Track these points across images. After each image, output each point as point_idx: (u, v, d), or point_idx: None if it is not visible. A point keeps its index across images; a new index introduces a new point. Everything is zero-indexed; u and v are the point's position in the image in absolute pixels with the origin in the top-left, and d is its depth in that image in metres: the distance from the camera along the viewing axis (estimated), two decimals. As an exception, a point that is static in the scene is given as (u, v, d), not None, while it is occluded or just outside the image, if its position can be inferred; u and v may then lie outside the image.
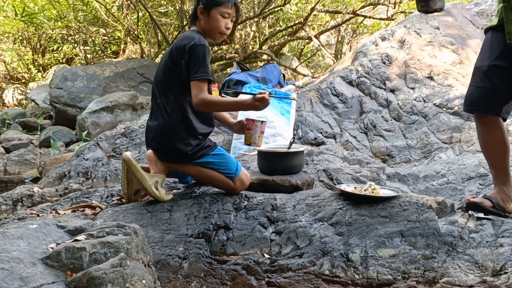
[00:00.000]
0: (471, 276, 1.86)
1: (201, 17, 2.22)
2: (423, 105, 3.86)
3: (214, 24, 2.21)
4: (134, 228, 1.67)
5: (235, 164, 2.29)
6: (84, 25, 8.62)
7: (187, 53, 2.12)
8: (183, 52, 2.14)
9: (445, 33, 4.30)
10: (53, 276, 1.38)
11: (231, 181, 2.26)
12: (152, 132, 2.26)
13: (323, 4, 8.44)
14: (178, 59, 2.16)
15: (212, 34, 2.26)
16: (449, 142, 3.64)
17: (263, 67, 4.61)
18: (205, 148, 2.23)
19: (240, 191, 2.30)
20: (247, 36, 8.22)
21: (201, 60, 2.11)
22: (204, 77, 2.11)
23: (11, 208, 2.89)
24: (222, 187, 2.30)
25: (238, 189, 2.29)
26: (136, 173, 2.14)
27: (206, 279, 1.88)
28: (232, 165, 2.27)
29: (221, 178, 2.26)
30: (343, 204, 2.11)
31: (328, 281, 1.86)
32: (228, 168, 2.26)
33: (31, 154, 4.57)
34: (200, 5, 2.20)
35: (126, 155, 2.16)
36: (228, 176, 2.25)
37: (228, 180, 2.26)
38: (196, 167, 2.25)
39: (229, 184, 2.26)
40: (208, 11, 2.20)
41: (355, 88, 3.95)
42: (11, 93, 9.25)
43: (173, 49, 2.20)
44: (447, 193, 2.72)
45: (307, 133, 3.63)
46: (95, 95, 6.31)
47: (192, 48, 2.11)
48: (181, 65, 2.15)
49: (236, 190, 2.28)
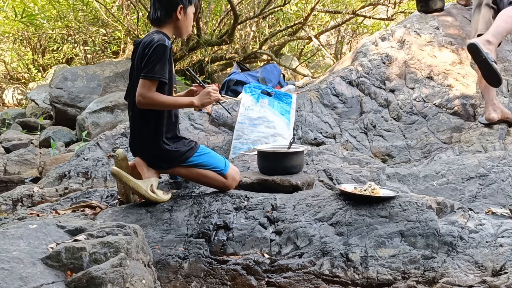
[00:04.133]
0: (471, 276, 1.86)
1: (178, 17, 2.22)
2: (423, 105, 3.86)
3: (189, 23, 2.27)
4: (134, 228, 1.67)
5: (222, 161, 2.30)
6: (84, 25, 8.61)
7: (147, 52, 2.09)
8: (144, 54, 2.11)
9: (445, 33, 4.30)
10: (53, 276, 1.38)
11: (223, 177, 2.27)
12: (134, 142, 2.28)
13: (323, 4, 8.44)
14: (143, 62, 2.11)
15: (183, 32, 2.30)
16: (449, 142, 3.64)
17: (263, 67, 4.61)
18: (187, 151, 2.23)
19: (233, 187, 2.31)
20: (247, 36, 8.22)
21: (157, 60, 2.06)
22: (155, 78, 2.07)
23: (11, 208, 2.89)
24: (215, 184, 2.31)
25: (231, 185, 2.30)
26: (129, 183, 2.15)
27: (206, 279, 1.88)
28: (219, 162, 2.29)
29: (213, 175, 2.27)
30: (343, 204, 2.11)
31: (328, 281, 1.86)
32: (216, 165, 2.27)
33: (31, 154, 4.57)
34: (179, 5, 2.20)
35: (113, 169, 2.15)
36: (218, 172, 2.27)
37: (220, 177, 2.27)
38: (186, 168, 2.25)
39: (222, 180, 2.28)
40: (185, 10, 2.24)
41: (355, 88, 3.94)
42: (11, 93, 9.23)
43: (138, 58, 2.17)
44: (447, 193, 2.72)
45: (307, 133, 3.63)
46: (95, 95, 6.31)
47: (152, 47, 2.07)
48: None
49: (229, 186, 2.29)
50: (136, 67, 2.19)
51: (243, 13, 7.83)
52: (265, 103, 3.54)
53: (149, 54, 2.07)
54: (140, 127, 2.21)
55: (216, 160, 2.29)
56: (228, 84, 4.28)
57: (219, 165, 2.28)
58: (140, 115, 2.18)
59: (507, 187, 2.78)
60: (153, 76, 2.07)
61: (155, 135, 2.18)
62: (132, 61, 2.26)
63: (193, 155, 2.23)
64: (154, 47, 2.07)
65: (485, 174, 2.84)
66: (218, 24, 8.00)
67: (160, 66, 2.07)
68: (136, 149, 2.29)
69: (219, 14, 8.21)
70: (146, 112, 2.16)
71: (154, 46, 2.07)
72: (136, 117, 2.23)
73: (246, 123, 3.43)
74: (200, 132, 3.45)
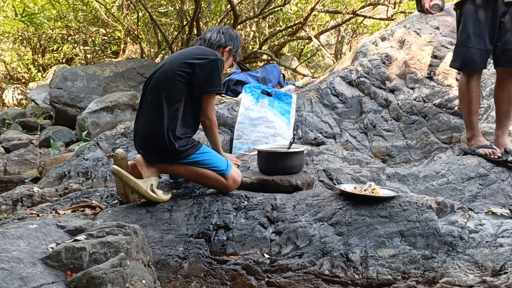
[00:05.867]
0: (471, 276, 1.86)
1: (224, 55, 2.48)
2: (423, 105, 3.86)
3: (226, 64, 2.51)
4: (134, 228, 1.67)
5: (224, 161, 2.29)
6: (84, 25, 8.61)
7: (205, 65, 2.25)
8: (199, 65, 2.25)
9: (445, 33, 4.30)
10: (53, 276, 1.38)
11: (224, 178, 2.25)
12: (140, 133, 2.29)
13: (323, 4, 8.44)
14: (193, 70, 2.24)
15: None
16: (449, 142, 3.64)
17: (263, 67, 4.60)
18: (190, 148, 2.24)
19: (233, 189, 2.29)
20: (247, 36, 8.22)
21: (217, 75, 2.29)
22: (219, 91, 2.36)
23: (11, 208, 2.89)
24: (214, 185, 2.29)
25: (231, 187, 2.28)
26: (129, 183, 2.15)
27: (206, 279, 1.88)
28: (221, 162, 2.28)
29: (213, 175, 2.25)
30: (343, 204, 2.11)
31: (328, 281, 1.86)
32: (217, 165, 2.26)
33: (31, 154, 4.57)
34: (229, 46, 2.51)
35: (114, 168, 2.16)
36: (219, 173, 2.25)
37: (221, 177, 2.25)
38: (186, 166, 2.25)
39: (222, 181, 2.25)
40: (230, 54, 2.54)
41: (355, 88, 3.94)
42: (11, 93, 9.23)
43: (188, 58, 2.28)
44: (447, 193, 2.72)
45: (307, 133, 3.63)
46: (95, 95, 6.31)
47: (212, 62, 2.28)
48: (195, 76, 2.25)
49: (229, 188, 2.27)
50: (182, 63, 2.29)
51: (243, 13, 7.83)
52: (265, 103, 3.54)
53: (210, 69, 2.28)
54: (156, 118, 2.22)
55: (218, 160, 2.28)
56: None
57: (220, 165, 2.26)
58: (164, 106, 2.21)
59: (507, 187, 2.79)
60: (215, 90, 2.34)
61: (168, 126, 2.19)
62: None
63: (195, 153, 2.23)
64: (216, 61, 2.29)
65: (485, 174, 2.84)
66: (218, 24, 8.00)
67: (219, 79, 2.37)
68: (141, 139, 2.28)
69: (219, 14, 8.21)
70: (172, 107, 2.22)
71: (215, 61, 2.29)
72: (154, 106, 2.24)
73: (246, 123, 3.43)
74: (200, 132, 3.45)
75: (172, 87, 2.22)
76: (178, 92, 2.22)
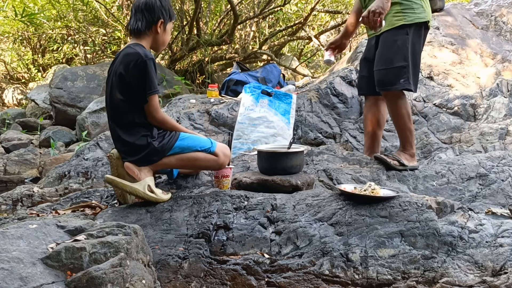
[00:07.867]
0: (471, 276, 1.86)
1: (158, 31, 2.25)
2: (423, 105, 3.87)
3: (167, 38, 2.31)
4: (134, 228, 1.67)
5: (207, 140, 2.32)
6: (84, 25, 8.61)
7: (142, 67, 2.13)
8: (133, 70, 2.14)
9: (445, 33, 4.31)
10: (53, 276, 1.38)
11: (214, 155, 2.29)
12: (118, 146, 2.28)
13: (323, 4, 8.44)
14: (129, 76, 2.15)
15: (160, 46, 2.33)
16: (449, 142, 3.64)
17: (263, 67, 4.60)
18: (169, 140, 2.24)
19: (226, 163, 2.34)
20: (247, 36, 8.22)
21: (153, 74, 2.16)
22: (157, 91, 2.20)
23: (11, 208, 2.89)
24: (208, 164, 2.32)
25: (224, 161, 2.32)
26: (126, 188, 2.17)
27: (206, 279, 1.88)
28: (204, 141, 2.31)
29: (203, 155, 2.28)
30: (343, 204, 2.11)
31: (328, 281, 1.86)
32: (202, 145, 2.28)
33: (31, 154, 4.57)
34: (160, 19, 2.23)
35: (108, 177, 2.19)
36: (207, 152, 2.28)
37: (211, 156, 2.29)
38: (175, 155, 2.26)
39: (213, 158, 2.29)
40: (165, 25, 2.27)
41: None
42: (11, 93, 9.22)
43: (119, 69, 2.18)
44: (447, 193, 2.72)
45: (307, 133, 3.63)
46: (95, 95, 6.31)
47: (143, 64, 2.13)
48: (133, 81, 2.15)
49: (222, 162, 2.31)
50: (116, 75, 2.19)
51: (243, 13, 7.83)
52: (265, 103, 3.54)
53: (146, 70, 2.13)
54: (124, 133, 2.21)
55: (201, 141, 2.30)
56: (228, 84, 4.28)
57: (204, 144, 2.29)
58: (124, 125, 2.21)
59: (507, 187, 2.79)
60: (156, 90, 2.17)
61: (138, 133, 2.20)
62: (110, 70, 2.26)
63: (176, 141, 2.25)
64: (147, 63, 2.13)
65: (485, 174, 2.84)
66: (218, 24, 8.01)
67: (155, 79, 2.18)
68: (122, 151, 2.27)
69: (219, 14, 8.21)
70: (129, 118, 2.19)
71: (145, 62, 2.13)
72: (117, 125, 2.23)
73: (246, 123, 3.43)
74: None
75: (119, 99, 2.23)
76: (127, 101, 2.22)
